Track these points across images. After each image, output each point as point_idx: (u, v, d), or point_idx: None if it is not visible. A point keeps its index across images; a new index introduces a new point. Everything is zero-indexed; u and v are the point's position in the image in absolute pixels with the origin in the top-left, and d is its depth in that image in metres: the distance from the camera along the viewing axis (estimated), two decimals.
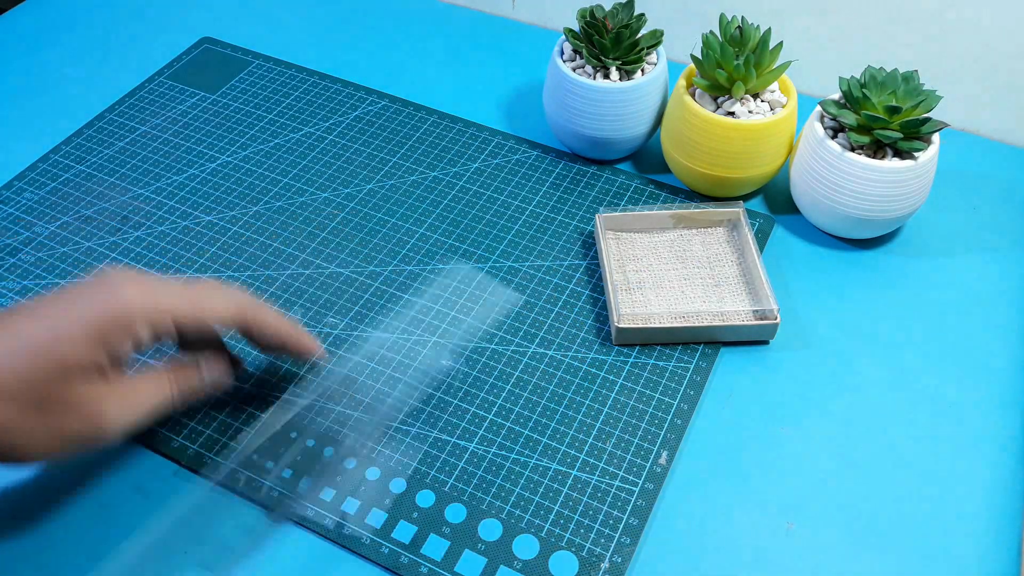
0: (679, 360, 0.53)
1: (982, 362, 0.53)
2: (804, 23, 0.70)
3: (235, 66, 0.76)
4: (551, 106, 0.64)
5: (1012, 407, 0.51)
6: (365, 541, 0.45)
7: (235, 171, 0.66)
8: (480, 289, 0.57)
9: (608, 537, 0.45)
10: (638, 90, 0.61)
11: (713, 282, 0.57)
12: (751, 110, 0.59)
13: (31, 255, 0.60)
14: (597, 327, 0.55)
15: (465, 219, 0.62)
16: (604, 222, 0.59)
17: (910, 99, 0.55)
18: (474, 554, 0.45)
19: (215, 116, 0.71)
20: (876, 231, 0.59)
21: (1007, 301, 0.57)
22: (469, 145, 0.68)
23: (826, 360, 0.54)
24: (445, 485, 0.48)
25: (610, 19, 0.61)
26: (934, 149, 0.56)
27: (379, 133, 0.69)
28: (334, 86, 0.74)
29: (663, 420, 0.50)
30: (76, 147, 0.69)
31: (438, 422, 0.50)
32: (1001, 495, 0.47)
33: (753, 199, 0.64)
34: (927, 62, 0.68)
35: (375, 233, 0.61)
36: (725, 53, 0.57)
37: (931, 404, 0.51)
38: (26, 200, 0.64)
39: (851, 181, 0.55)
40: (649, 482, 0.48)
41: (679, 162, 0.61)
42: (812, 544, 0.46)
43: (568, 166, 0.66)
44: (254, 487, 0.47)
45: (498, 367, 0.53)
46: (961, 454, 0.49)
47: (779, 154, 0.60)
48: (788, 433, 0.50)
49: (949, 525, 0.46)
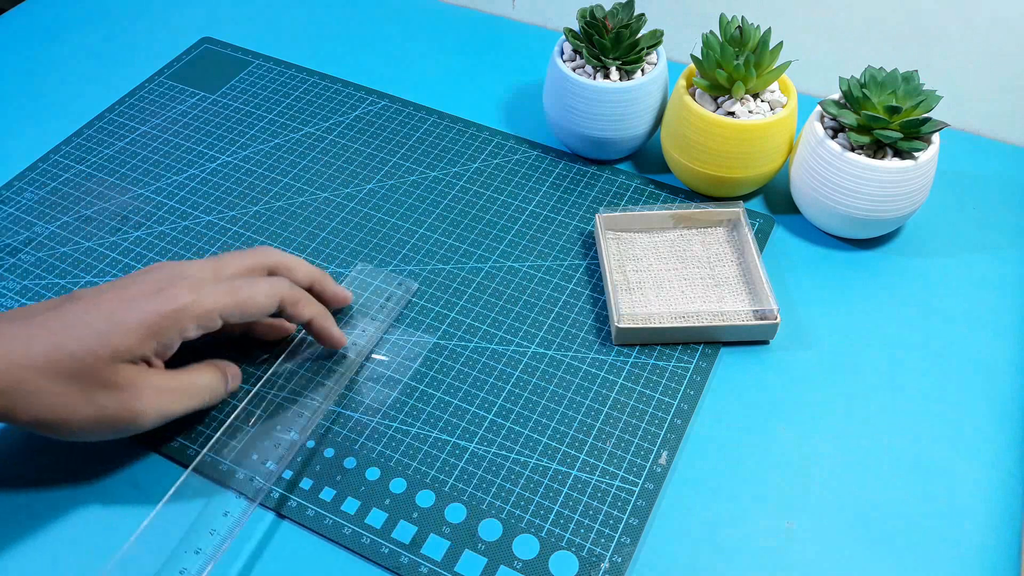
0: (679, 360, 0.53)
1: (982, 362, 0.53)
2: (804, 23, 0.71)
3: (235, 66, 0.76)
4: (551, 106, 0.64)
5: (1012, 407, 0.51)
6: (365, 541, 0.45)
7: (235, 171, 0.66)
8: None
9: (608, 537, 0.45)
10: (638, 90, 0.61)
11: (713, 282, 0.57)
12: (751, 110, 0.59)
13: (31, 255, 0.60)
14: (597, 327, 0.55)
15: (465, 219, 0.62)
16: (604, 222, 0.59)
17: (910, 99, 0.55)
18: (474, 554, 0.45)
19: (215, 116, 0.71)
20: (876, 231, 0.59)
21: (1007, 301, 0.57)
22: (469, 145, 0.68)
23: (826, 360, 0.54)
24: (445, 485, 0.48)
25: (610, 19, 0.61)
26: (934, 149, 0.56)
27: (379, 133, 0.69)
28: (334, 86, 0.74)
29: (663, 420, 0.50)
30: (76, 147, 0.69)
31: (438, 422, 0.50)
32: (1001, 495, 0.47)
33: (753, 199, 0.64)
34: (927, 62, 0.68)
35: (375, 233, 0.61)
36: (725, 53, 0.57)
37: (931, 404, 0.51)
38: (26, 200, 0.64)
39: (851, 181, 0.55)
40: (649, 482, 0.48)
41: (679, 162, 0.61)
42: (812, 544, 0.46)
43: (568, 166, 0.66)
44: (254, 487, 0.47)
45: (498, 367, 0.53)
46: (961, 454, 0.49)
47: (779, 154, 0.60)
48: (788, 433, 0.50)
49: (949, 525, 0.46)
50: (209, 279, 0.47)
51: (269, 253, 0.51)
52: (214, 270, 0.48)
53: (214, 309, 0.46)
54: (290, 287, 0.49)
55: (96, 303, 0.45)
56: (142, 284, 0.46)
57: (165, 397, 0.46)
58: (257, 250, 0.51)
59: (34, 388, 0.42)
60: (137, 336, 0.44)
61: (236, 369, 0.51)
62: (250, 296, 0.47)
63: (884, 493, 0.47)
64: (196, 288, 0.46)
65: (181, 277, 0.47)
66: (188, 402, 0.47)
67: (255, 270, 0.50)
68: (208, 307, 0.46)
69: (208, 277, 0.48)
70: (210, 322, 0.46)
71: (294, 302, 0.49)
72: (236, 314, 0.47)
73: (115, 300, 0.45)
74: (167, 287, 0.46)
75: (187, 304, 0.45)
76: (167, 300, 0.45)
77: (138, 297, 0.45)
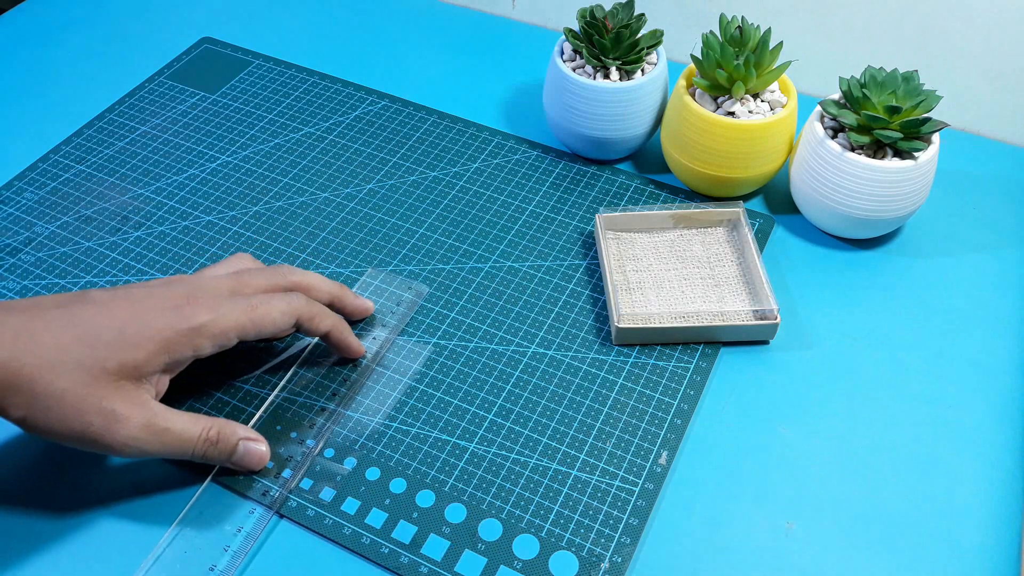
0: (679, 360, 0.53)
1: (982, 362, 0.53)
2: (804, 23, 0.70)
3: (235, 66, 0.76)
4: (551, 106, 0.64)
5: (1012, 407, 0.51)
6: (365, 541, 0.45)
7: (235, 171, 0.66)
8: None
9: (608, 537, 0.45)
10: (638, 90, 0.61)
11: (713, 282, 0.57)
12: (751, 110, 0.59)
13: (31, 255, 0.60)
14: (597, 327, 0.55)
15: (465, 219, 0.62)
16: (604, 222, 0.59)
17: (910, 99, 0.55)
18: (474, 554, 0.45)
19: (215, 116, 0.71)
20: (876, 231, 0.59)
21: (1007, 301, 0.57)
22: (469, 145, 0.68)
23: (826, 360, 0.54)
24: (445, 485, 0.48)
25: (610, 19, 0.61)
26: (934, 149, 0.56)
27: (379, 133, 0.69)
28: (334, 86, 0.74)
29: (663, 420, 0.50)
30: (76, 147, 0.69)
31: (438, 422, 0.50)
32: (1001, 495, 0.47)
33: (753, 199, 0.64)
34: (927, 62, 0.68)
35: (375, 233, 0.61)
36: (725, 53, 0.57)
37: (931, 404, 0.51)
38: (26, 200, 0.64)
39: (851, 181, 0.55)
40: (649, 482, 0.48)
41: (679, 162, 0.61)
42: (812, 544, 0.46)
43: (568, 166, 0.66)
44: (254, 488, 0.47)
45: (498, 367, 0.53)
46: (961, 454, 0.49)
47: (779, 154, 0.60)
48: (788, 433, 0.50)
49: (949, 525, 0.46)
50: (227, 296, 0.47)
51: (288, 272, 0.51)
52: (232, 288, 0.48)
53: (232, 328, 0.46)
54: (307, 303, 0.49)
55: (109, 310, 0.44)
56: (160, 298, 0.45)
57: (147, 436, 0.43)
58: (277, 269, 0.51)
59: (31, 389, 0.41)
60: (147, 352, 0.43)
61: (222, 434, 0.46)
62: (267, 314, 0.47)
63: (884, 493, 0.47)
64: (215, 307, 0.46)
65: (199, 294, 0.46)
66: (166, 451, 0.45)
67: (274, 289, 0.49)
68: (225, 327, 0.46)
69: (226, 294, 0.47)
70: (226, 341, 0.46)
71: (310, 317, 0.49)
72: (252, 333, 0.47)
73: (129, 311, 0.44)
74: (184, 304, 0.45)
75: (205, 323, 0.45)
76: (185, 318, 0.45)
77: (154, 311, 0.44)
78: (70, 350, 0.42)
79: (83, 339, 0.42)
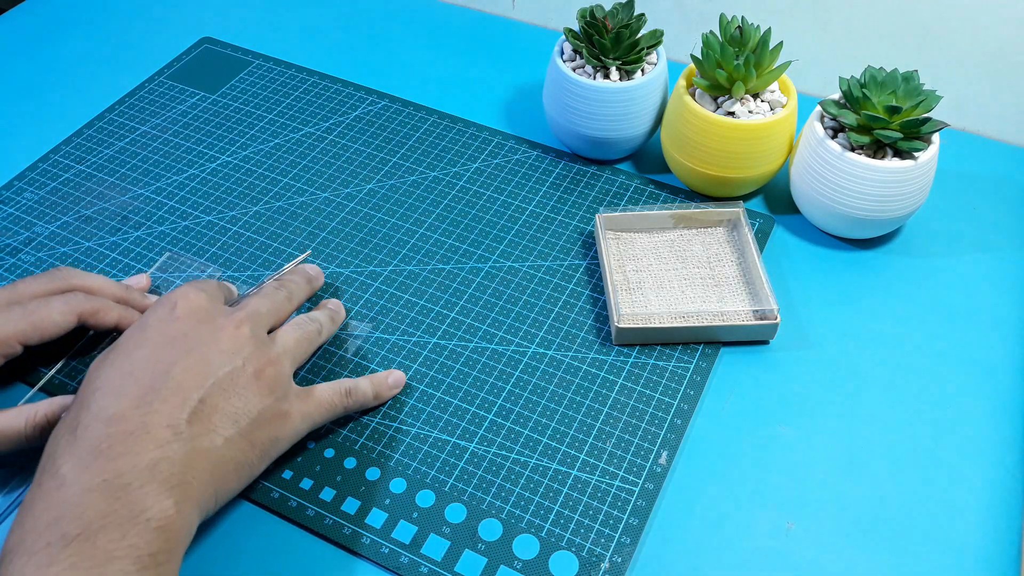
0: (679, 360, 0.53)
1: (982, 362, 0.53)
2: (804, 23, 0.71)
3: (235, 66, 0.76)
4: (551, 106, 0.64)
5: (1012, 407, 0.51)
6: (365, 541, 0.45)
7: (235, 171, 0.66)
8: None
9: (608, 537, 0.45)
10: (638, 90, 0.61)
11: (713, 282, 0.57)
12: (751, 110, 0.59)
13: (31, 255, 0.60)
14: (597, 327, 0.55)
15: (465, 219, 0.62)
16: (604, 222, 0.59)
17: (910, 99, 0.55)
18: (474, 554, 0.45)
19: (215, 116, 0.71)
20: (876, 231, 0.59)
21: (1007, 301, 0.57)
22: (469, 145, 0.68)
23: (826, 360, 0.54)
24: (445, 485, 0.48)
25: (610, 19, 0.61)
26: (934, 149, 0.56)
27: (379, 133, 0.69)
28: (334, 86, 0.74)
29: (663, 420, 0.50)
30: (76, 147, 0.69)
31: (438, 422, 0.50)
32: (1001, 495, 0.47)
33: (753, 199, 0.64)
34: (927, 62, 0.68)
35: (375, 233, 0.61)
36: (725, 53, 0.57)
37: (931, 404, 0.51)
38: (26, 200, 0.64)
39: (851, 181, 0.55)
40: (649, 482, 0.48)
41: (679, 162, 0.61)
42: (812, 544, 0.46)
43: (568, 166, 0.66)
44: (254, 488, 0.47)
45: (498, 367, 0.53)
46: (961, 454, 0.49)
47: (779, 154, 0.60)
48: (788, 433, 0.50)
49: (949, 525, 0.46)
50: (3, 307, 0.48)
51: (69, 275, 0.51)
52: (7, 298, 0.48)
53: (12, 336, 0.47)
54: (86, 299, 0.50)
55: None
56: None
57: None
58: (54, 272, 0.51)
59: None
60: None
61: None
62: (46, 315, 0.48)
63: (884, 493, 0.47)
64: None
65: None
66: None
67: (52, 292, 0.50)
68: (4, 336, 0.46)
69: (1, 305, 0.48)
70: (9, 349, 0.47)
71: (93, 312, 0.50)
72: (35, 336, 0.48)
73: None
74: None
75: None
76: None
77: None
78: None
79: None
